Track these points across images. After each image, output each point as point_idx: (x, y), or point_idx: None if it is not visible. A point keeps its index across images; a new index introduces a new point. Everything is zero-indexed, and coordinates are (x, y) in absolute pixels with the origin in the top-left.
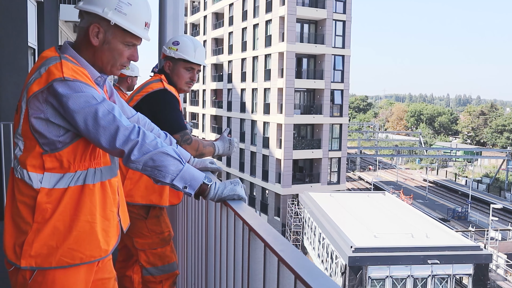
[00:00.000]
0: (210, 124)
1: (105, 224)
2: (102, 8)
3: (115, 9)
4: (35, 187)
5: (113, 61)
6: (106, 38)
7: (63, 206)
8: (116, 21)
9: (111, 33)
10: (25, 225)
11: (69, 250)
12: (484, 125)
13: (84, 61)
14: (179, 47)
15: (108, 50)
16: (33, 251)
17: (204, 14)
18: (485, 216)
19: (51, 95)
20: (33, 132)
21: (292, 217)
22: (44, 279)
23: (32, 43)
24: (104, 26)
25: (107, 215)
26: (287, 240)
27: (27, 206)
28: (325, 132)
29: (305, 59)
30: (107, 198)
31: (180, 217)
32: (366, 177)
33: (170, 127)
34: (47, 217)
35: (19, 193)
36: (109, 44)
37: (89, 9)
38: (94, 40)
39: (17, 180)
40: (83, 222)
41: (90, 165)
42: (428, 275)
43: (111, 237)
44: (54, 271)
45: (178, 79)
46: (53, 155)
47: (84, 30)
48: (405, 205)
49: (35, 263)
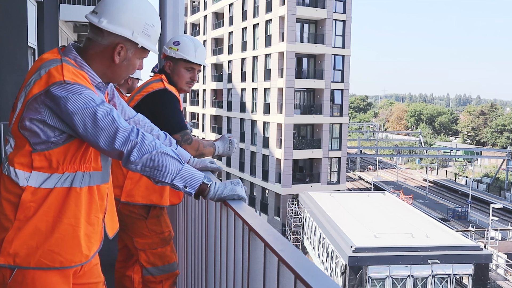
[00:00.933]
0: (210, 124)
1: (88, 230)
2: (131, 31)
3: (142, 32)
4: (21, 185)
5: (127, 74)
6: (127, 56)
7: (47, 206)
8: (144, 44)
9: (132, 51)
10: (7, 222)
11: (49, 252)
12: (484, 124)
13: (86, 65)
14: (179, 47)
15: (126, 66)
16: (12, 249)
17: (204, 14)
18: (485, 216)
19: (50, 98)
20: (23, 131)
21: (292, 217)
22: (24, 279)
23: (32, 43)
24: (128, 46)
25: (91, 220)
26: (287, 240)
27: (10, 203)
28: (325, 132)
29: (305, 59)
30: (93, 204)
31: (180, 217)
32: (366, 177)
33: (170, 127)
34: (29, 216)
35: (5, 190)
36: (128, 61)
37: (118, 32)
38: (116, 58)
39: (4, 176)
40: (66, 225)
41: (79, 168)
42: (428, 275)
43: (93, 242)
44: (34, 271)
45: (179, 79)
46: (42, 154)
47: (105, 47)
48: (405, 205)
49: (13, 262)
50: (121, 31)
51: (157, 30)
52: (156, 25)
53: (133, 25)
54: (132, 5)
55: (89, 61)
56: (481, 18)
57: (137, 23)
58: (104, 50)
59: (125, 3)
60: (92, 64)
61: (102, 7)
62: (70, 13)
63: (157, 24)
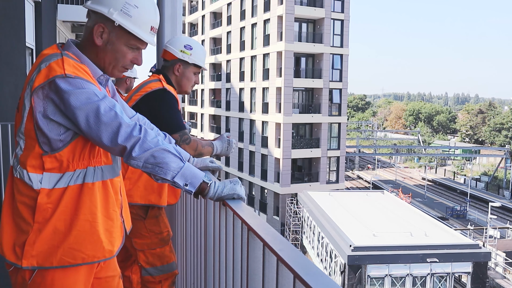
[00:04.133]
0: (209, 123)
1: (108, 224)
2: (108, 8)
3: (121, 10)
4: (35, 188)
5: (115, 62)
6: (110, 38)
7: (64, 206)
8: (121, 22)
9: (115, 34)
10: (26, 226)
11: (70, 249)
12: (483, 123)
13: (87, 58)
14: (192, 52)
15: (111, 51)
16: (34, 251)
17: (202, 14)
18: (483, 214)
19: (52, 91)
20: (37, 130)
21: (291, 216)
22: (43, 280)
23: (29, 43)
24: (109, 27)
25: (110, 214)
26: (286, 240)
27: (27, 206)
28: (323, 131)
29: (303, 58)
30: (109, 198)
31: (179, 217)
32: (365, 176)
33: (169, 126)
34: (48, 217)
35: (19, 193)
36: (113, 45)
37: (96, 9)
38: (97, 40)
39: (16, 180)
40: (83, 221)
41: (89, 163)
42: (427, 274)
43: (115, 237)
44: (54, 272)
45: (188, 82)
46: (53, 156)
47: (90, 29)
48: (404, 203)
49: (36, 263)
50: (98, 7)
51: (142, 13)
52: (141, 7)
53: (111, 2)
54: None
55: (84, 51)
56: (479, 16)
57: (117, 1)
58: (90, 35)
59: None
60: (87, 53)
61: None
62: (67, 13)
63: (142, 6)
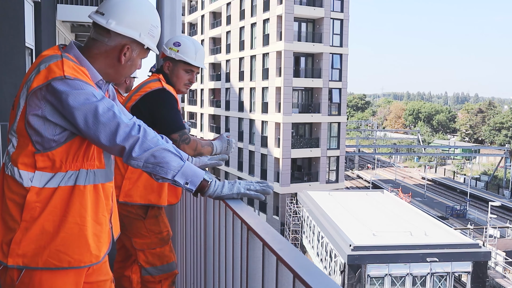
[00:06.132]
0: (208, 123)
1: (97, 229)
2: (138, 33)
3: (148, 33)
4: (25, 186)
5: (129, 74)
6: (132, 57)
7: (52, 206)
8: (149, 45)
9: (137, 52)
10: (13, 223)
11: (56, 252)
12: (482, 123)
13: (87, 62)
14: (180, 48)
15: (129, 67)
16: (20, 250)
17: (202, 14)
18: (483, 214)
19: (50, 93)
20: (28, 129)
21: (291, 216)
22: (31, 281)
23: (29, 43)
24: (134, 47)
25: (100, 219)
26: (285, 239)
27: (16, 204)
28: (323, 130)
29: (303, 58)
30: (100, 202)
31: (179, 216)
32: (365, 175)
33: (168, 126)
34: (36, 216)
35: (9, 190)
36: (132, 62)
37: (126, 33)
38: (122, 59)
39: (7, 177)
40: (72, 224)
41: (82, 165)
42: (427, 273)
43: (103, 243)
44: (41, 272)
45: (177, 80)
46: (45, 155)
47: (111, 48)
48: (403, 203)
49: (22, 262)
50: (130, 32)
51: (159, 30)
52: (159, 25)
53: (140, 27)
54: (138, 7)
55: (91, 60)
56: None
57: (144, 25)
58: (110, 51)
59: (132, 5)
60: (95, 63)
61: (108, 9)
62: (67, 13)
63: (159, 24)
